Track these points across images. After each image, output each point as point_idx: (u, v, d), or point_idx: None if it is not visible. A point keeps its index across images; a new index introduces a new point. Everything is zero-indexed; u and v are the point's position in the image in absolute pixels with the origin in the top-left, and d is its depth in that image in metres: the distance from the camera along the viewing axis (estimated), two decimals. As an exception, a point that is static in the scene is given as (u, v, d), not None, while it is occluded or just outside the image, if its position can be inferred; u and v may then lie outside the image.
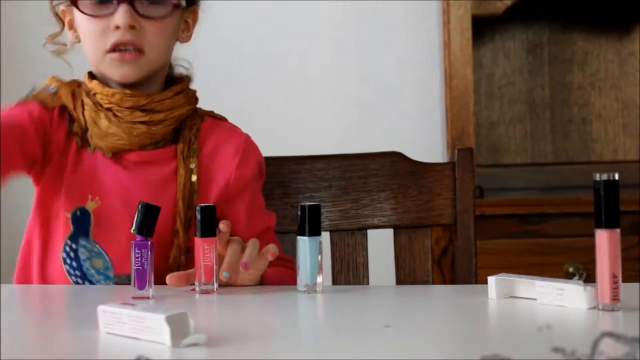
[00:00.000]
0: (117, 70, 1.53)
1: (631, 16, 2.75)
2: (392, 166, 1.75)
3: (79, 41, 1.57)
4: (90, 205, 1.53)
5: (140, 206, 1.35)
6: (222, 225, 1.40)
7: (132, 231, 1.34)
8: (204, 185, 1.57)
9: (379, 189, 1.74)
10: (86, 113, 1.54)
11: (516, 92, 2.78)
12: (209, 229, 1.38)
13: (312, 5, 2.80)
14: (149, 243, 1.33)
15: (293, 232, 1.71)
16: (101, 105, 1.54)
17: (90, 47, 1.54)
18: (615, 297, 1.19)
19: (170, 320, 1.04)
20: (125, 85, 1.54)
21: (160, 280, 1.41)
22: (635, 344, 0.89)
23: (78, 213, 1.53)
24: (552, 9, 2.76)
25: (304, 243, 1.37)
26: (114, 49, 1.51)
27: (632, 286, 1.30)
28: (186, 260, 1.54)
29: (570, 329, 1.13)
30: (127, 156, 1.55)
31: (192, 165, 1.56)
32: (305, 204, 1.38)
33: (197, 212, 1.38)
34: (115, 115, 1.53)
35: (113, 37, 1.51)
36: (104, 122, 1.53)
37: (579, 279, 1.25)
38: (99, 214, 1.53)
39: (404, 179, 1.74)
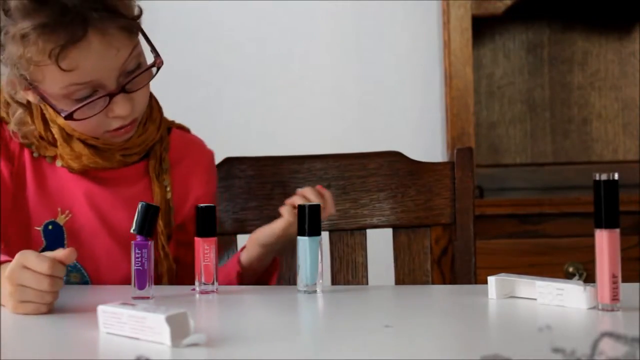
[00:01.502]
0: (117, 140, 1.49)
1: (631, 16, 2.75)
2: (391, 166, 1.75)
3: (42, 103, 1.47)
4: (61, 219, 1.51)
5: (140, 206, 1.35)
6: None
7: (132, 231, 1.34)
8: (177, 201, 1.57)
9: (378, 188, 1.74)
10: (54, 131, 1.49)
11: (516, 92, 2.78)
12: (209, 229, 1.38)
13: (312, 5, 2.80)
14: (149, 243, 1.33)
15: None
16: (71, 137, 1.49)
17: (83, 131, 1.47)
18: (615, 297, 1.19)
19: (170, 320, 1.04)
20: None
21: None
22: (635, 344, 0.89)
23: (50, 227, 1.51)
24: (552, 9, 2.76)
25: (303, 243, 1.37)
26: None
27: (632, 286, 1.30)
28: (178, 269, 1.56)
29: (570, 329, 1.13)
30: (97, 173, 1.52)
31: (166, 183, 1.56)
32: (305, 204, 1.38)
33: (197, 212, 1.38)
34: (89, 145, 1.49)
35: (115, 123, 1.45)
36: (77, 145, 1.49)
37: (579, 279, 1.25)
38: (72, 228, 1.51)
39: (403, 179, 1.74)
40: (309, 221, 1.37)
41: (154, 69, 1.46)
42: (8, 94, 1.49)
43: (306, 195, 1.51)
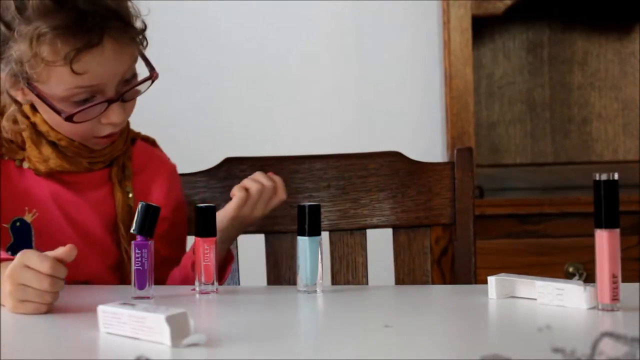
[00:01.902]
0: (100, 146, 1.54)
1: (631, 16, 2.75)
2: (391, 166, 1.74)
3: (30, 103, 1.50)
4: (28, 217, 1.53)
5: (140, 206, 1.35)
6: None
7: (132, 231, 1.35)
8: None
9: (378, 188, 1.74)
10: (24, 133, 1.52)
11: (516, 92, 2.78)
12: (209, 229, 1.38)
13: (312, 5, 2.80)
14: (149, 243, 1.33)
15: (293, 232, 1.71)
16: (41, 133, 1.52)
17: (71, 135, 1.50)
18: (615, 297, 1.19)
19: (170, 320, 1.04)
20: None
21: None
22: (635, 344, 0.89)
23: (18, 224, 1.52)
24: (552, 9, 2.76)
25: (303, 243, 1.37)
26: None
27: (632, 286, 1.30)
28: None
29: (570, 329, 1.13)
30: (60, 176, 1.55)
31: (128, 189, 1.58)
32: (305, 204, 1.38)
33: (196, 212, 1.38)
34: (58, 149, 1.52)
35: (105, 130, 1.50)
36: (46, 149, 1.52)
37: (579, 279, 1.25)
38: (39, 226, 1.53)
39: (403, 179, 1.74)
40: (308, 221, 1.37)
41: (149, 82, 1.51)
42: (4, 91, 1.51)
43: (257, 178, 1.55)
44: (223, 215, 1.54)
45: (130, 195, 1.58)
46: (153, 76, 1.51)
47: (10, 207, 1.52)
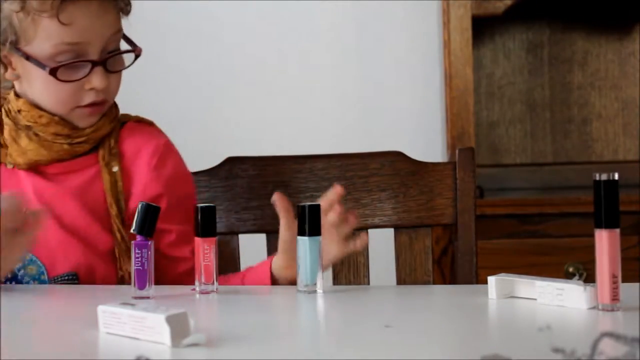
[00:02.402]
0: (84, 120, 1.55)
1: (631, 16, 2.75)
2: (393, 166, 1.74)
3: (17, 79, 1.55)
4: None
5: (140, 206, 1.35)
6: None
7: (132, 231, 1.35)
8: (127, 188, 1.58)
9: (379, 188, 1.74)
10: (5, 133, 1.56)
11: (516, 92, 2.78)
12: (209, 229, 1.38)
13: (312, 5, 2.80)
14: (149, 243, 1.33)
15: (293, 232, 1.71)
16: (20, 124, 1.54)
17: (56, 103, 1.53)
18: (615, 297, 1.19)
19: (170, 320, 1.04)
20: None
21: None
22: (635, 344, 0.89)
23: None
24: (552, 9, 2.76)
25: (303, 243, 1.37)
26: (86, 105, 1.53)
27: (632, 286, 1.30)
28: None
29: (570, 329, 1.13)
30: (45, 169, 1.56)
31: (115, 169, 1.57)
32: (305, 204, 1.38)
33: (196, 212, 1.38)
34: (35, 134, 1.54)
35: (88, 97, 1.52)
36: (24, 140, 1.54)
37: (579, 279, 1.25)
38: None
39: (405, 179, 1.74)
40: (309, 221, 1.37)
41: (133, 57, 1.56)
42: None
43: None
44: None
45: (115, 169, 1.57)
46: (136, 50, 1.55)
47: None
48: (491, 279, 1.31)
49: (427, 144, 2.75)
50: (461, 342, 1.10)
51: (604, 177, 1.18)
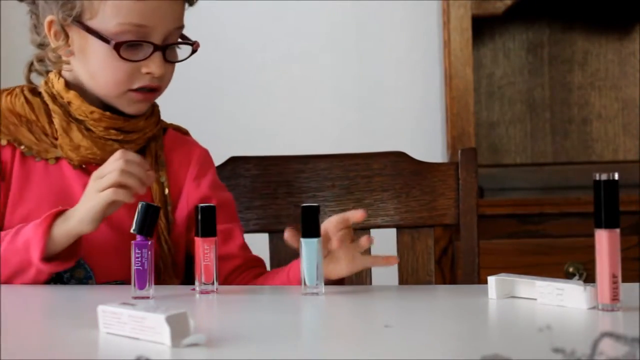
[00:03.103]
0: (132, 107, 1.55)
1: (631, 16, 2.75)
2: (395, 166, 1.75)
3: (71, 55, 1.54)
4: None
5: (140, 206, 1.35)
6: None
7: (132, 231, 1.34)
8: (174, 199, 1.59)
9: (382, 188, 1.74)
10: (55, 121, 1.54)
11: (516, 92, 2.78)
12: (209, 229, 1.38)
13: (312, 5, 2.80)
14: (149, 243, 1.33)
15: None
16: (71, 116, 1.54)
17: (111, 82, 1.52)
18: (615, 297, 1.19)
19: (170, 320, 1.04)
20: (105, 106, 1.55)
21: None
22: (635, 344, 0.89)
23: None
24: (552, 9, 2.76)
25: (305, 244, 1.37)
26: (138, 89, 1.53)
27: (632, 286, 1.30)
28: (175, 267, 1.57)
29: (570, 329, 1.13)
30: (95, 168, 1.52)
31: (163, 179, 1.58)
32: (305, 205, 1.38)
33: (197, 212, 1.38)
34: (87, 129, 1.53)
35: (142, 81, 1.52)
36: (76, 135, 1.53)
37: (579, 279, 1.25)
38: None
39: (408, 179, 1.74)
40: (307, 223, 1.37)
41: (190, 51, 1.57)
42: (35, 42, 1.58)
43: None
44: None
45: (163, 179, 1.58)
46: (195, 44, 1.57)
47: (48, 207, 1.50)
48: (491, 279, 1.31)
49: (427, 144, 2.75)
50: (461, 342, 1.10)
51: (604, 177, 1.18)
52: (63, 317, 1.26)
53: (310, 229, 1.37)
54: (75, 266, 1.51)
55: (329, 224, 1.42)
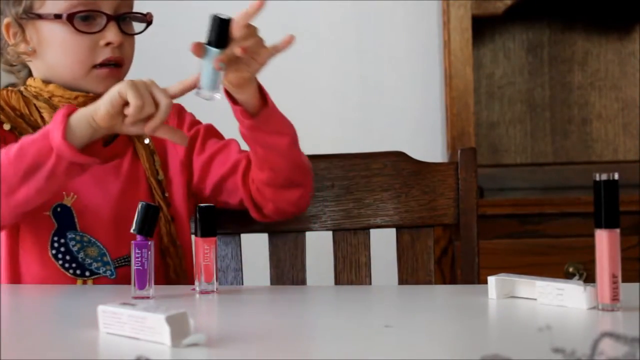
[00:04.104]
0: (101, 84, 1.57)
1: (631, 16, 2.75)
2: (395, 166, 1.75)
3: (34, 53, 1.58)
4: (68, 201, 1.55)
5: (140, 206, 1.35)
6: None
7: (132, 231, 1.35)
8: (162, 158, 1.63)
9: (381, 188, 1.74)
10: (45, 116, 1.57)
11: (516, 92, 2.78)
12: (209, 229, 1.38)
13: (312, 5, 2.80)
14: (149, 243, 1.33)
15: (295, 232, 1.71)
16: (57, 108, 1.55)
17: (75, 61, 1.56)
18: (615, 297, 1.19)
19: (170, 320, 1.04)
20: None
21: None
22: (635, 344, 0.89)
23: (59, 209, 1.54)
24: (552, 9, 2.76)
25: (208, 52, 1.41)
26: (102, 64, 1.56)
27: (632, 286, 1.30)
28: (176, 230, 1.60)
29: (570, 329, 1.13)
30: None
31: (147, 140, 1.61)
32: (215, 15, 1.45)
33: (196, 212, 1.38)
34: None
35: (104, 54, 1.56)
36: None
37: (579, 279, 1.25)
38: (79, 208, 1.55)
39: (407, 179, 1.74)
40: (213, 32, 1.43)
41: (145, 25, 1.61)
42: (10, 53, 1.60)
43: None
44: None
45: (147, 140, 1.60)
46: (147, 16, 1.60)
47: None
48: (491, 279, 1.31)
49: (427, 144, 2.75)
50: (461, 342, 1.10)
51: (604, 177, 1.18)
52: (63, 317, 1.26)
53: (216, 39, 1.41)
54: (86, 245, 1.53)
55: (235, 31, 1.47)
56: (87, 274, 1.53)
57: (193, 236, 1.44)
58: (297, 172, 1.59)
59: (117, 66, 1.57)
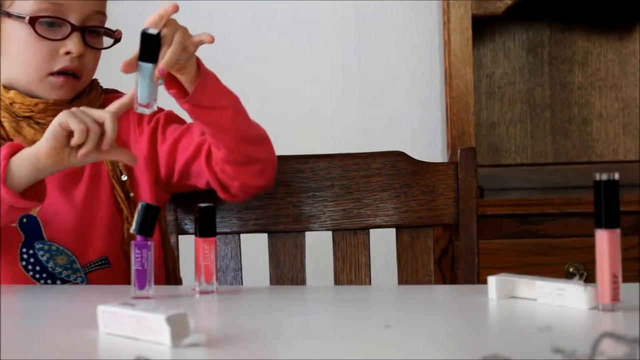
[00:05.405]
0: (54, 92, 1.56)
1: (631, 16, 2.75)
2: (394, 166, 1.75)
3: None
4: (34, 211, 1.53)
5: (140, 206, 1.35)
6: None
7: (132, 231, 1.35)
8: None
9: (381, 188, 1.74)
10: (5, 124, 1.56)
11: (516, 92, 2.78)
12: (208, 229, 1.38)
13: (312, 5, 2.80)
14: (149, 243, 1.33)
15: (295, 232, 1.71)
16: (18, 115, 1.55)
17: (31, 65, 1.55)
18: (615, 297, 1.19)
19: (170, 320, 1.04)
20: None
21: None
22: (635, 344, 0.89)
23: (25, 220, 1.53)
24: (552, 9, 2.76)
25: (141, 67, 1.40)
26: (59, 72, 1.54)
27: (632, 286, 1.30)
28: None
29: (570, 329, 1.13)
30: None
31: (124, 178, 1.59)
32: (147, 32, 1.40)
33: (196, 212, 1.38)
34: (37, 123, 1.55)
35: (62, 62, 1.54)
36: (28, 131, 1.55)
37: (579, 279, 1.25)
38: (45, 217, 1.54)
39: (407, 179, 1.74)
40: (144, 48, 1.40)
41: (112, 40, 1.59)
42: None
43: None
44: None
45: (125, 177, 1.58)
46: (116, 33, 1.58)
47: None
48: (491, 279, 1.31)
49: (427, 144, 2.75)
50: (461, 342, 1.10)
51: (604, 177, 1.18)
52: (63, 317, 1.26)
53: (148, 54, 1.40)
54: (55, 253, 1.52)
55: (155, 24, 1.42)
56: (58, 282, 1.53)
57: (193, 236, 1.44)
58: (251, 146, 1.56)
59: (74, 77, 1.56)
